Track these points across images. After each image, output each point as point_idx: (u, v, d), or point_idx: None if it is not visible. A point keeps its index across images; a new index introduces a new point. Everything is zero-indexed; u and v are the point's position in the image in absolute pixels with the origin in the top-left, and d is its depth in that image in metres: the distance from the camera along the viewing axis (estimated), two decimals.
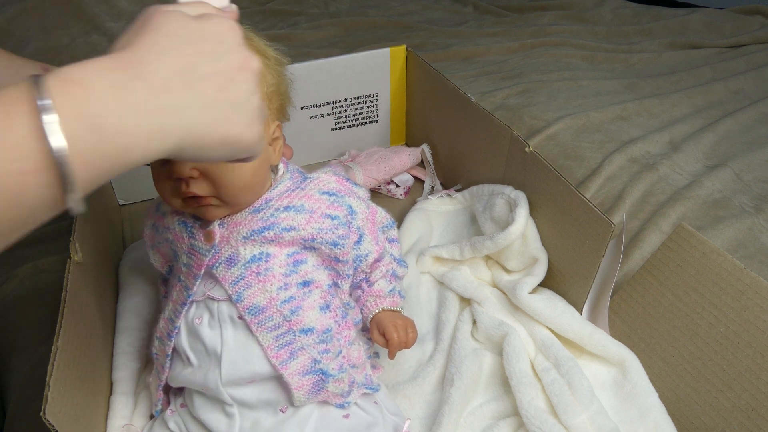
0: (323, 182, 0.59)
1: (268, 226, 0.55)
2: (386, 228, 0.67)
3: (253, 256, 0.56)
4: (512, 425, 0.66)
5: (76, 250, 0.61)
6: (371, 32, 1.80)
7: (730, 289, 0.63)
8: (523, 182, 0.83)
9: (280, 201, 0.57)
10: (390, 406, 0.64)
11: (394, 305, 0.65)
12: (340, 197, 0.59)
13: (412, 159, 1.10)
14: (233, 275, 0.56)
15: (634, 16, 1.89)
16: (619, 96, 1.34)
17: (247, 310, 0.55)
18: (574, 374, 0.67)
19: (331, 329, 0.58)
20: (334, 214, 0.58)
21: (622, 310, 0.74)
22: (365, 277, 0.64)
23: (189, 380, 0.58)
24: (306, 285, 0.58)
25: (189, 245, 0.58)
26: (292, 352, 0.56)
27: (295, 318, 0.56)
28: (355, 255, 0.61)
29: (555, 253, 0.79)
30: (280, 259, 0.56)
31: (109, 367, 0.70)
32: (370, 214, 0.62)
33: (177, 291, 0.59)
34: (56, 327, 0.52)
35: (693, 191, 0.97)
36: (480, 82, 1.43)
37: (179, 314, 0.58)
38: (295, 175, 0.60)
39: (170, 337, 0.59)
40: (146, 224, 0.65)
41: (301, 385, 0.56)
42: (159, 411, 0.64)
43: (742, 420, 0.61)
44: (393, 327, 0.62)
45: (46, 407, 0.45)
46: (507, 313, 0.78)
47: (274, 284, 0.56)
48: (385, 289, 0.65)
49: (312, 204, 0.57)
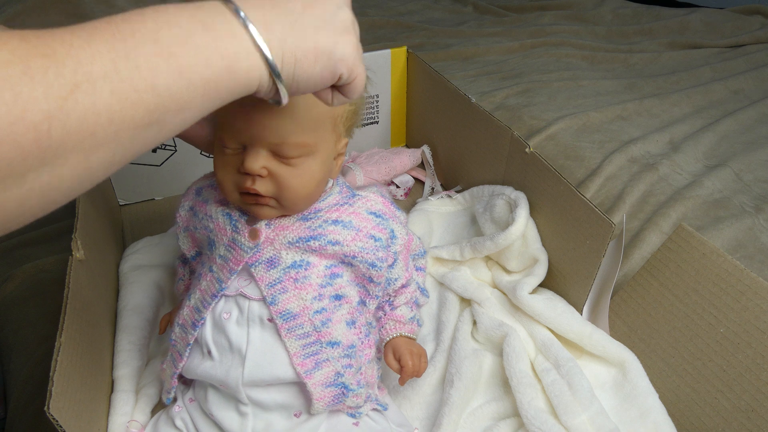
0: (371, 202, 0.60)
1: (315, 236, 0.56)
2: (417, 256, 0.69)
3: (294, 262, 0.56)
4: (512, 426, 0.66)
5: (78, 247, 0.61)
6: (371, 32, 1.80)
7: (730, 289, 0.63)
8: (524, 183, 0.83)
9: (329, 213, 0.57)
10: (397, 419, 0.65)
11: (411, 332, 0.66)
12: (385, 220, 0.60)
13: (413, 160, 1.10)
14: (271, 277, 0.56)
15: (634, 16, 1.89)
16: (619, 96, 1.34)
17: (279, 315, 0.55)
18: (574, 375, 0.67)
19: (355, 345, 0.59)
20: (377, 236, 0.58)
21: (622, 311, 0.74)
22: (389, 300, 0.66)
23: (208, 374, 0.58)
24: (338, 299, 0.58)
25: (231, 238, 0.57)
26: (317, 362, 0.56)
27: (324, 329, 0.56)
28: (386, 278, 0.62)
29: (555, 253, 0.79)
30: (319, 269, 0.57)
31: (110, 364, 0.70)
32: (408, 240, 0.64)
33: (207, 281, 0.59)
34: (59, 323, 0.52)
35: (693, 191, 0.97)
36: (480, 82, 1.43)
37: (207, 306, 0.58)
38: (344, 190, 0.61)
39: (195, 327, 0.58)
40: (182, 206, 0.64)
41: (323, 396, 0.56)
42: (170, 399, 0.63)
43: (742, 420, 0.61)
44: (409, 354, 0.63)
45: (50, 402, 0.45)
46: (507, 313, 0.78)
47: (309, 293, 0.56)
48: (406, 315, 0.66)
49: (359, 222, 0.58)
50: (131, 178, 1.02)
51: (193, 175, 1.02)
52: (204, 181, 0.64)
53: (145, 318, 0.76)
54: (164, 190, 1.06)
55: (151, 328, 0.77)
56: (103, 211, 0.85)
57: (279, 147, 0.51)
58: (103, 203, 0.87)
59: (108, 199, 0.94)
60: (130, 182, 1.03)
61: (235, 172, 0.53)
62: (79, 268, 0.60)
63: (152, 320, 0.77)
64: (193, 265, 0.68)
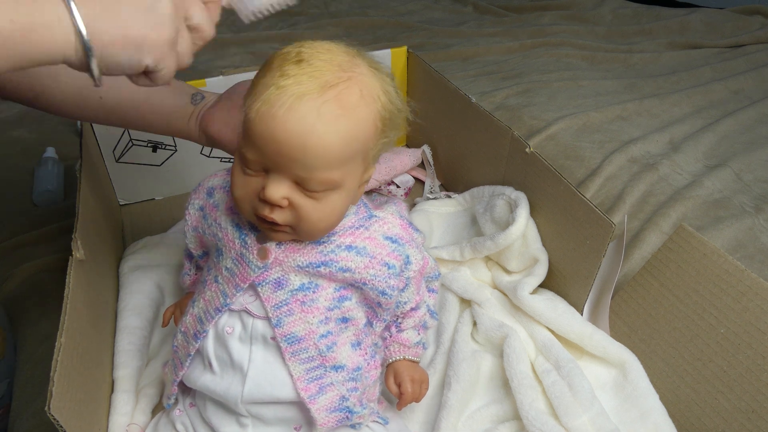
0: (388, 225, 0.57)
1: (326, 262, 0.54)
2: (431, 279, 0.67)
3: (302, 285, 0.54)
4: (512, 428, 0.66)
5: (78, 247, 0.61)
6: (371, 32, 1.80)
7: (730, 290, 0.63)
8: (524, 183, 0.83)
9: (343, 238, 0.55)
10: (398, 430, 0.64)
11: (416, 356, 0.65)
12: (401, 245, 0.57)
13: (413, 160, 1.10)
14: (278, 299, 0.54)
15: (634, 16, 1.89)
16: (619, 96, 1.34)
17: (284, 337, 0.54)
18: (574, 375, 0.67)
19: (361, 368, 0.58)
20: (391, 263, 0.56)
21: (623, 311, 0.74)
22: (396, 321, 0.64)
23: (208, 387, 0.57)
24: (344, 321, 0.57)
25: (239, 253, 0.55)
26: (321, 386, 0.55)
27: (330, 354, 0.55)
28: (395, 301, 0.59)
29: (555, 253, 0.79)
30: (327, 292, 0.55)
31: (110, 365, 0.70)
32: (423, 265, 0.61)
33: (212, 292, 0.57)
34: (59, 324, 0.52)
35: (693, 191, 0.97)
36: (480, 82, 1.43)
37: (211, 319, 0.56)
38: (361, 210, 0.58)
39: (197, 338, 0.57)
40: (191, 203, 0.62)
41: (327, 421, 0.55)
42: (170, 405, 0.63)
43: (743, 421, 0.61)
44: (410, 381, 0.62)
45: (51, 402, 0.45)
46: (507, 314, 0.78)
47: (315, 316, 0.55)
48: (412, 339, 0.65)
49: (374, 248, 0.55)
50: (131, 178, 1.02)
51: (192, 175, 1.03)
52: (217, 180, 0.61)
53: (145, 318, 0.76)
54: (164, 190, 1.06)
55: (152, 329, 0.77)
56: (103, 211, 0.85)
57: (305, 180, 0.48)
58: (103, 203, 0.87)
59: (108, 199, 0.94)
60: (130, 182, 1.03)
61: (254, 195, 0.50)
62: (79, 268, 0.60)
63: (152, 320, 0.77)
64: (200, 263, 0.67)
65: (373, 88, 0.49)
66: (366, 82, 0.49)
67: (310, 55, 0.47)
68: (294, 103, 0.45)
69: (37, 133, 1.24)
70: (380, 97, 0.49)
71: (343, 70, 0.48)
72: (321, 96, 0.46)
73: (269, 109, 0.46)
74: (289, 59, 0.47)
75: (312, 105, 0.45)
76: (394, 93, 0.52)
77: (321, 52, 0.48)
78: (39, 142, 1.19)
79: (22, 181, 1.09)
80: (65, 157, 1.14)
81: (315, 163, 0.47)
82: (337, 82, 0.47)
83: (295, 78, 0.46)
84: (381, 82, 0.50)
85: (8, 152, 1.19)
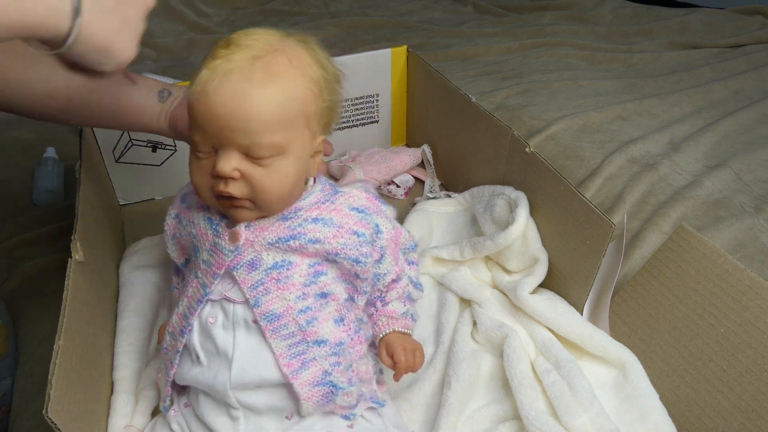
0: (353, 198, 0.59)
1: (295, 236, 0.55)
2: (408, 250, 0.68)
3: (275, 263, 0.56)
4: (512, 428, 0.66)
5: (77, 249, 0.61)
6: (371, 32, 1.81)
7: (730, 289, 0.63)
8: (524, 182, 0.83)
9: (309, 212, 0.57)
10: (394, 420, 0.64)
11: (405, 327, 0.65)
12: (369, 215, 0.59)
13: (413, 159, 1.10)
14: (253, 279, 0.56)
15: (634, 16, 1.89)
16: (619, 96, 1.34)
17: (263, 316, 0.55)
18: (574, 375, 0.67)
19: (344, 342, 0.58)
20: (360, 231, 0.58)
21: (623, 311, 0.74)
22: (381, 295, 0.65)
23: (197, 380, 0.58)
24: (323, 297, 0.58)
25: (212, 243, 0.57)
26: (303, 362, 0.56)
27: (310, 329, 0.56)
28: (374, 273, 0.61)
29: (555, 253, 0.79)
30: (301, 268, 0.56)
31: (110, 366, 0.70)
32: (395, 234, 0.62)
33: (193, 287, 0.59)
34: (58, 325, 0.52)
35: (693, 191, 0.97)
36: (480, 82, 1.43)
37: (194, 312, 0.58)
38: (326, 188, 0.60)
39: (183, 333, 0.58)
40: (169, 214, 0.65)
41: (310, 395, 0.56)
42: (167, 407, 0.63)
43: (743, 421, 0.61)
44: (402, 350, 0.62)
45: (49, 405, 0.45)
46: (507, 314, 0.78)
47: (292, 293, 0.56)
48: (399, 310, 0.65)
49: (341, 219, 0.57)
50: (131, 178, 1.02)
51: None
52: (188, 188, 0.63)
53: (145, 319, 0.76)
54: (164, 190, 1.06)
55: (151, 330, 0.76)
56: (103, 211, 0.85)
57: (249, 148, 0.51)
58: (103, 203, 0.87)
59: (108, 199, 0.94)
60: (130, 182, 1.03)
61: (209, 175, 0.53)
62: (78, 270, 0.60)
63: (152, 321, 0.77)
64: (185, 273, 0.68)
65: (302, 56, 0.53)
66: (294, 52, 0.53)
67: (239, 38, 0.52)
68: (224, 77, 0.49)
69: (37, 133, 1.24)
70: (310, 63, 0.53)
71: (270, 45, 0.52)
72: (250, 67, 0.50)
73: (203, 87, 0.50)
74: (220, 45, 0.52)
75: (241, 75, 0.49)
76: (325, 59, 0.56)
77: (249, 35, 0.52)
78: (39, 142, 1.19)
79: (22, 181, 1.09)
80: (65, 157, 1.14)
81: (253, 127, 0.50)
82: (264, 54, 0.51)
83: (225, 57, 0.50)
84: (310, 51, 0.54)
85: (8, 152, 1.19)
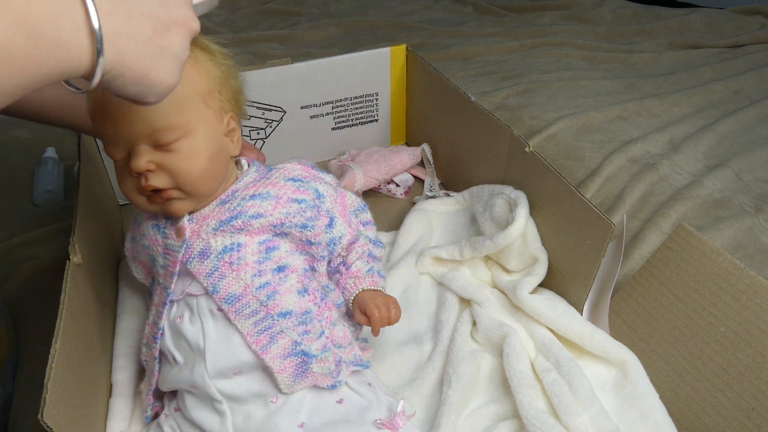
0: (288, 170, 0.61)
1: (236, 216, 0.57)
2: (358, 211, 0.68)
3: (224, 247, 0.57)
4: (512, 427, 0.66)
5: (76, 251, 0.61)
6: (371, 32, 1.80)
7: (730, 288, 0.63)
8: (523, 182, 0.83)
9: (246, 191, 0.58)
10: (383, 386, 0.64)
11: (373, 285, 0.65)
12: (306, 182, 0.60)
13: (412, 158, 1.10)
14: (207, 268, 0.57)
15: (634, 16, 1.89)
16: (619, 96, 1.34)
17: (223, 300, 0.56)
18: (574, 375, 0.67)
19: (311, 311, 0.59)
20: (300, 198, 0.59)
21: (623, 310, 0.74)
22: (342, 261, 0.65)
23: (177, 379, 0.58)
24: (281, 270, 0.58)
25: (163, 246, 0.59)
26: (271, 336, 0.56)
27: (271, 303, 0.56)
28: (328, 238, 0.61)
29: (555, 253, 0.79)
30: (251, 247, 0.57)
31: (108, 369, 0.70)
32: (339, 197, 0.63)
33: (157, 294, 0.60)
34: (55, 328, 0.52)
35: (693, 191, 0.97)
36: (480, 82, 1.43)
37: (161, 315, 0.59)
38: (261, 168, 0.62)
39: (155, 339, 0.60)
40: (126, 239, 0.67)
41: (283, 368, 0.56)
42: (149, 418, 0.64)
43: (743, 420, 0.61)
44: (374, 305, 0.62)
45: (44, 410, 0.45)
46: (507, 313, 0.78)
47: (248, 272, 0.56)
48: (362, 269, 0.65)
49: (278, 190, 0.58)
50: None
51: None
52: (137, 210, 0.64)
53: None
54: None
55: None
56: (103, 212, 0.85)
57: (153, 136, 0.52)
58: (103, 203, 0.87)
59: (108, 199, 0.94)
60: None
61: (131, 178, 0.54)
62: (77, 272, 0.60)
63: None
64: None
65: None
66: None
67: None
68: None
69: (37, 133, 1.25)
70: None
71: None
72: None
73: (94, 98, 0.51)
74: None
75: None
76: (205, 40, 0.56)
77: None
78: (39, 142, 1.19)
79: (22, 181, 1.09)
80: (65, 157, 1.14)
81: (146, 115, 0.50)
82: None
83: None
84: None
85: (8, 152, 1.19)
